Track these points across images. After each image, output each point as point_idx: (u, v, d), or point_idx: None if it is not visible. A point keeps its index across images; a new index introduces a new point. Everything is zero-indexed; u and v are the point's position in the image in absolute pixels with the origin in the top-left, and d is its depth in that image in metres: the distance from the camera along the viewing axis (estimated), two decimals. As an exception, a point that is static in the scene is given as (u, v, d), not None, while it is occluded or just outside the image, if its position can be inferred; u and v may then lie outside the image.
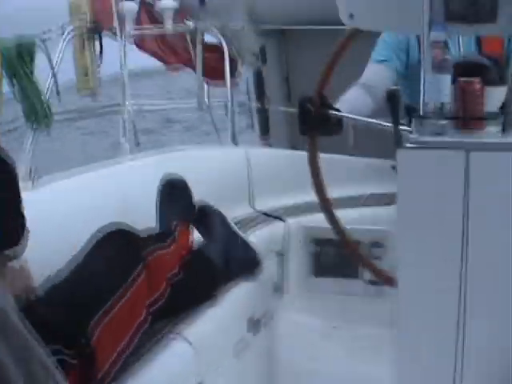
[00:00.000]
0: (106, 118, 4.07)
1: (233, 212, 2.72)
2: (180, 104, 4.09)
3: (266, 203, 2.88)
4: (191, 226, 1.97)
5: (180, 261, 1.73)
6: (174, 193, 1.99)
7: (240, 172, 2.89)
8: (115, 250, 1.58)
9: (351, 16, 1.44)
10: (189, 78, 4.14)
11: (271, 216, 2.74)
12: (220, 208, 2.25)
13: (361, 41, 1.77)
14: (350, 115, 1.94)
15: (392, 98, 1.49)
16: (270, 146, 4.14)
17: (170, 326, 1.62)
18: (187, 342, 1.56)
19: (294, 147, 3.56)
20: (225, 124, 3.68)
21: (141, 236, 1.74)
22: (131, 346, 1.40)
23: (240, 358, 1.83)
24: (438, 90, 1.35)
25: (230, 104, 3.58)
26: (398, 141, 1.41)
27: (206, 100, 3.70)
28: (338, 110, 1.95)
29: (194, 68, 3.84)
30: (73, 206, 2.01)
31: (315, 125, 1.92)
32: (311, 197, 2.08)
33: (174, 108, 4.28)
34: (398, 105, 1.51)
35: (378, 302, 2.28)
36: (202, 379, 1.54)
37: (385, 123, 1.66)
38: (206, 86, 3.74)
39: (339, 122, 1.94)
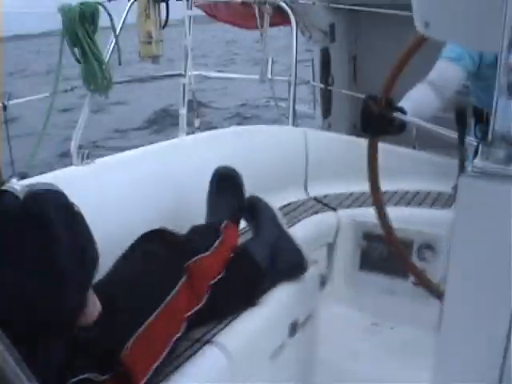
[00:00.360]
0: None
1: (286, 195, 2.70)
2: (242, 75, 4.04)
3: (321, 188, 2.84)
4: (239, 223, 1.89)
5: (225, 264, 1.65)
6: (225, 188, 1.91)
7: (296, 154, 2.84)
8: (155, 259, 1.52)
9: (427, 25, 1.36)
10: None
11: (324, 204, 2.72)
12: (272, 191, 2.17)
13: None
14: (414, 119, 1.88)
15: (460, 116, 1.42)
16: (330, 126, 4.08)
17: (207, 332, 1.59)
18: (223, 350, 1.53)
19: (355, 129, 3.47)
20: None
21: (183, 237, 1.68)
22: (167, 358, 1.37)
23: (278, 361, 1.78)
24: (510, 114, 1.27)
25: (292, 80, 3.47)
26: (461, 165, 1.35)
27: (269, 75, 3.61)
28: (402, 111, 1.89)
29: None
30: (121, 184, 1.99)
31: (377, 125, 1.87)
32: (366, 187, 2.03)
33: (236, 78, 4.24)
34: (465, 126, 1.44)
35: (423, 304, 2.24)
36: None
37: (448, 133, 1.60)
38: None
39: (402, 123, 1.89)
